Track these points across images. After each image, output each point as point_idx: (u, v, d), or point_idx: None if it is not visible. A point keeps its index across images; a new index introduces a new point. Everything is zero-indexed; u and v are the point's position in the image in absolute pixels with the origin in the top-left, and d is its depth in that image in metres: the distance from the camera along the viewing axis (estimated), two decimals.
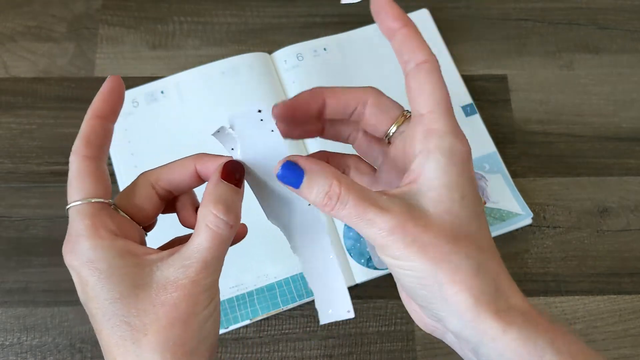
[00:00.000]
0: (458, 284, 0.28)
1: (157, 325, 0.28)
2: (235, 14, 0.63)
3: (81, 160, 0.31)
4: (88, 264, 0.29)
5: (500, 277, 0.29)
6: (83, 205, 0.30)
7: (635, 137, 0.58)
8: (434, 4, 0.63)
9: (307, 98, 0.33)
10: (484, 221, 0.30)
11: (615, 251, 0.54)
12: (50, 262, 0.52)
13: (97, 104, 0.32)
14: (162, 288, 0.29)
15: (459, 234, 0.29)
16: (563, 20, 0.63)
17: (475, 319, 0.28)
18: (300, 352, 0.50)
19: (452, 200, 0.29)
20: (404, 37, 0.31)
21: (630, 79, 0.61)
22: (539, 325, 0.28)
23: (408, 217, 0.29)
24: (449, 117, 0.31)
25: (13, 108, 0.58)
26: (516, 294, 0.29)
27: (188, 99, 0.57)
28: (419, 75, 0.31)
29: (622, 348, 0.51)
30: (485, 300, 0.28)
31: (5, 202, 0.54)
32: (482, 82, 0.60)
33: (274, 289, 0.51)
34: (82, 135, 0.32)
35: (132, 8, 0.62)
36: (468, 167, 0.30)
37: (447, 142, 0.30)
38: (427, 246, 0.28)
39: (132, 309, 0.29)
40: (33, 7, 0.62)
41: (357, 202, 0.29)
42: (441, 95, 0.31)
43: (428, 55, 0.31)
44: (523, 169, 0.57)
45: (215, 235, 0.29)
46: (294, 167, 0.30)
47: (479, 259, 0.29)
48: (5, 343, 0.50)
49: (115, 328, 0.29)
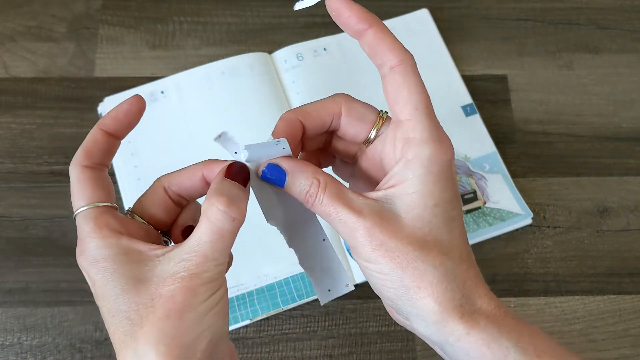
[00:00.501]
0: (423, 290, 0.29)
1: (152, 317, 0.28)
2: (235, 14, 0.63)
3: (80, 170, 0.32)
4: (94, 263, 0.30)
5: (467, 283, 0.30)
6: (87, 210, 0.31)
7: (635, 137, 0.58)
8: (434, 4, 0.63)
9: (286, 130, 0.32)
10: (457, 227, 0.31)
11: (615, 251, 0.54)
12: (50, 262, 0.52)
13: (106, 119, 0.33)
14: (161, 281, 0.29)
15: (427, 241, 0.30)
16: (563, 20, 0.63)
17: (439, 322, 0.29)
18: (300, 352, 0.50)
19: (424, 207, 0.30)
20: (372, 40, 0.30)
21: (630, 79, 0.61)
22: (504, 325, 0.29)
23: (378, 221, 0.30)
24: (429, 122, 0.30)
25: (13, 108, 0.58)
26: (483, 297, 0.30)
27: (188, 99, 0.57)
28: (393, 80, 0.30)
29: (622, 348, 0.51)
30: (449, 305, 0.29)
31: (5, 202, 0.54)
32: (482, 82, 0.60)
33: (274, 289, 0.51)
34: (83, 146, 0.33)
35: (132, 8, 0.62)
36: (446, 174, 0.30)
37: (426, 152, 0.30)
38: (394, 251, 0.29)
39: (132, 303, 0.29)
40: (33, 7, 0.62)
41: (331, 201, 0.30)
42: (419, 100, 0.30)
43: (401, 55, 0.30)
44: (523, 169, 0.57)
45: (216, 229, 0.29)
46: (276, 168, 0.31)
47: (446, 266, 0.30)
48: (5, 343, 0.50)
49: (119, 324, 0.29)
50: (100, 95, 0.58)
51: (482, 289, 0.31)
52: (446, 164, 0.30)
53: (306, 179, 0.31)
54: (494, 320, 0.29)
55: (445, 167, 0.30)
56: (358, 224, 0.30)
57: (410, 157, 0.30)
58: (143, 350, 0.28)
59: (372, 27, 0.30)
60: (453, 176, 0.31)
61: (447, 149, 0.30)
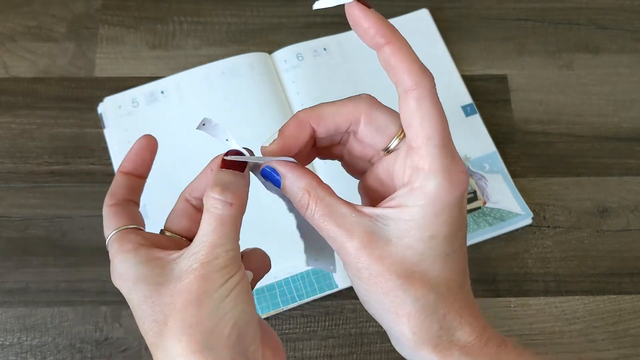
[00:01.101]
0: (400, 317, 0.30)
1: (173, 313, 0.29)
2: (235, 14, 0.63)
3: (107, 208, 0.34)
4: (120, 277, 0.31)
5: (449, 316, 0.30)
6: (113, 235, 0.33)
7: (635, 137, 0.58)
8: (434, 4, 0.63)
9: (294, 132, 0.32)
10: (452, 261, 0.30)
11: (615, 251, 0.54)
12: (50, 262, 0.52)
13: (124, 162, 0.35)
14: (178, 279, 0.29)
15: (414, 272, 0.29)
16: (563, 20, 0.63)
17: (413, 349, 0.30)
18: (300, 352, 0.50)
19: (418, 238, 0.29)
20: (389, 56, 0.28)
21: (630, 79, 0.61)
22: (481, 356, 0.30)
23: (366, 244, 0.29)
24: (441, 151, 0.29)
25: (13, 108, 0.58)
26: (465, 328, 0.30)
27: (188, 99, 0.57)
28: (408, 104, 0.29)
29: (622, 348, 0.51)
30: (424, 336, 0.30)
31: (5, 202, 0.54)
32: (482, 82, 0.60)
33: (274, 289, 0.51)
34: (109, 190, 0.35)
35: (132, 8, 0.62)
36: (451, 208, 0.29)
37: (433, 184, 0.29)
38: (378, 277, 0.29)
39: (156, 306, 0.29)
40: (33, 7, 0.62)
41: (321, 216, 0.30)
42: (432, 129, 0.28)
43: (418, 79, 0.28)
44: (523, 169, 0.57)
45: (216, 217, 0.30)
46: (273, 172, 0.31)
47: (428, 299, 0.29)
48: (5, 343, 0.50)
49: (148, 329, 0.30)
50: (100, 95, 0.58)
51: (467, 319, 0.30)
52: (454, 199, 0.29)
53: (298, 190, 0.31)
54: (469, 351, 0.30)
55: (452, 202, 0.29)
56: (346, 244, 0.30)
57: (415, 186, 0.29)
58: (171, 346, 0.29)
59: (389, 43, 0.28)
60: (460, 211, 0.30)
61: (457, 185, 0.29)
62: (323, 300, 0.52)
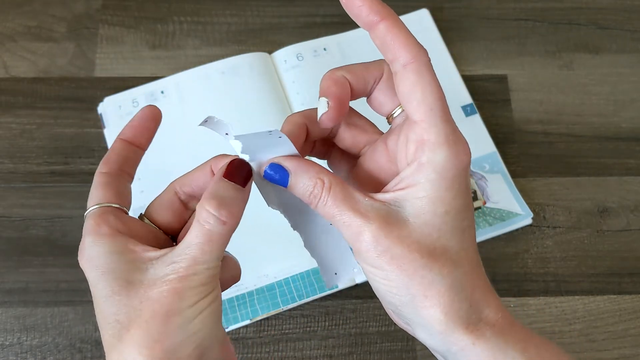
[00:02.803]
0: (429, 299, 0.28)
1: (138, 320, 0.28)
2: (235, 14, 0.63)
3: (97, 175, 0.32)
4: (89, 260, 0.30)
5: (475, 293, 0.29)
6: (93, 209, 0.31)
7: (635, 137, 0.58)
8: (434, 4, 0.63)
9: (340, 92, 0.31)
10: (468, 236, 0.30)
11: (615, 251, 0.54)
12: (50, 262, 0.52)
13: (125, 129, 0.34)
14: (151, 284, 0.28)
15: (435, 248, 0.29)
16: (563, 20, 0.63)
17: (444, 332, 0.29)
18: (300, 352, 0.50)
19: (434, 213, 0.29)
20: (384, 34, 0.28)
21: (630, 79, 0.61)
22: (511, 335, 0.29)
23: (383, 226, 0.28)
24: (444, 124, 0.29)
25: (13, 108, 0.58)
26: (491, 307, 0.29)
27: (188, 99, 0.57)
28: (407, 78, 0.29)
29: (622, 348, 0.51)
30: (455, 316, 0.28)
31: (5, 202, 0.54)
32: (482, 82, 0.60)
33: (274, 289, 0.51)
34: (106, 155, 0.33)
35: (132, 8, 0.62)
36: (460, 180, 0.29)
37: (441, 156, 0.28)
38: (400, 258, 0.28)
39: (122, 306, 0.28)
40: (33, 7, 0.62)
41: (335, 202, 0.29)
42: (433, 100, 0.28)
43: (415, 52, 0.28)
44: (523, 169, 0.57)
45: (205, 232, 0.28)
46: (279, 168, 0.30)
47: (454, 274, 0.29)
48: (5, 343, 0.50)
49: (108, 326, 0.28)
50: (100, 95, 0.58)
51: (491, 298, 0.30)
52: (461, 170, 0.29)
53: (309, 180, 0.30)
54: (500, 330, 0.29)
55: (460, 173, 0.29)
56: (363, 228, 0.28)
57: (423, 161, 0.29)
58: (127, 353, 0.28)
59: (384, 20, 0.28)
60: (467, 184, 0.29)
61: (463, 154, 0.29)
62: (323, 300, 0.52)
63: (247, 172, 0.31)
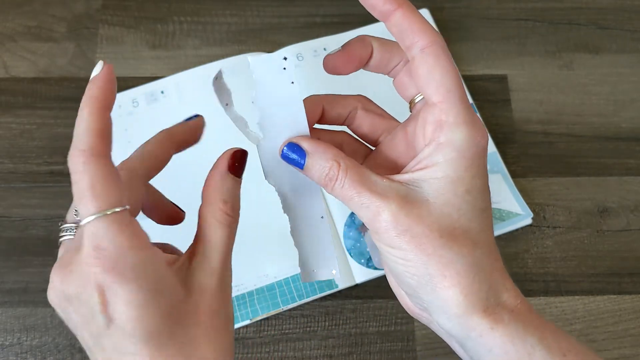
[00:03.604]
0: (448, 279, 0.28)
1: (207, 335, 0.28)
2: (235, 14, 0.63)
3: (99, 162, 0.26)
4: (135, 280, 0.26)
5: (494, 275, 0.29)
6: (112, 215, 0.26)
7: (635, 137, 0.58)
8: (434, 4, 0.63)
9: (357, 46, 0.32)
10: (487, 218, 0.30)
11: (615, 251, 0.54)
12: (50, 262, 0.52)
13: (101, 94, 0.27)
14: (200, 295, 0.28)
15: (455, 228, 0.28)
16: (563, 20, 0.63)
17: (463, 315, 0.28)
18: (300, 352, 0.50)
19: (454, 193, 0.28)
20: (401, 20, 0.29)
21: (630, 79, 0.61)
22: (529, 322, 0.28)
23: (403, 206, 0.28)
24: (462, 105, 0.29)
25: (13, 108, 0.58)
26: (509, 291, 0.29)
27: (188, 99, 0.57)
28: (425, 61, 0.29)
29: (622, 348, 0.51)
30: (474, 298, 0.28)
31: (5, 202, 0.54)
32: (482, 82, 0.60)
33: (274, 289, 0.51)
34: (96, 131, 0.26)
35: (132, 8, 0.62)
36: (479, 161, 0.29)
37: (459, 136, 0.28)
38: (420, 237, 0.28)
39: (177, 323, 0.27)
40: (33, 7, 0.62)
41: (353, 184, 0.29)
42: (452, 82, 0.29)
43: (432, 36, 0.29)
44: (523, 169, 0.57)
45: (231, 233, 0.30)
46: (297, 148, 0.30)
47: (474, 255, 0.28)
48: (5, 343, 0.50)
49: (161, 346, 0.26)
50: None
51: (508, 282, 0.29)
52: (480, 149, 0.29)
53: (326, 161, 0.30)
54: (518, 316, 0.28)
55: (479, 153, 0.29)
56: (382, 208, 0.28)
57: (442, 140, 0.29)
58: None
59: (400, 7, 0.29)
60: (485, 165, 0.30)
61: (483, 134, 0.29)
62: (323, 300, 0.52)
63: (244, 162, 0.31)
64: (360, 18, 0.61)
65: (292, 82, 0.30)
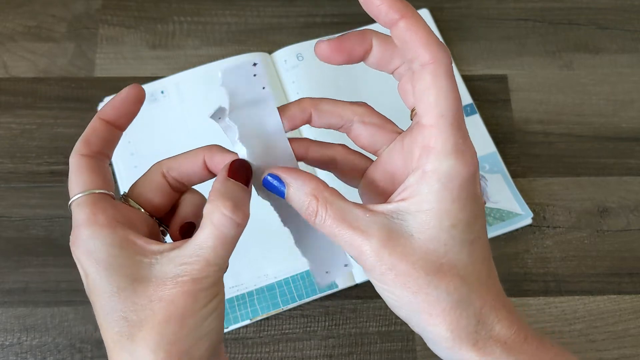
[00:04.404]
0: (435, 317, 0.28)
1: (152, 321, 0.27)
2: (235, 14, 0.63)
3: (79, 158, 0.31)
4: (87, 254, 0.29)
5: (485, 308, 0.28)
6: (83, 196, 0.30)
7: (635, 137, 0.58)
8: (434, 4, 0.63)
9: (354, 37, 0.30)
10: (478, 249, 0.29)
11: (615, 251, 0.54)
12: (50, 262, 0.52)
13: (105, 107, 0.32)
14: (161, 283, 0.28)
15: (441, 264, 0.28)
16: (563, 20, 0.63)
17: (452, 348, 0.28)
18: (300, 352, 0.50)
19: (440, 228, 0.27)
20: (404, 32, 0.27)
21: (630, 79, 0.61)
22: (523, 353, 0.28)
23: (386, 243, 0.27)
24: (453, 131, 0.27)
25: (13, 108, 0.58)
26: (502, 322, 0.28)
27: (188, 99, 0.57)
28: (422, 79, 0.28)
29: (622, 348, 0.51)
30: (462, 333, 0.28)
31: (5, 202, 0.54)
32: (482, 82, 0.60)
33: (274, 289, 0.51)
34: (82, 136, 0.32)
35: (132, 8, 0.62)
36: (467, 191, 0.28)
37: (445, 166, 0.27)
38: (405, 276, 0.27)
39: (129, 303, 0.28)
40: (33, 7, 0.62)
41: (334, 222, 0.28)
42: (447, 105, 0.27)
43: (435, 53, 0.27)
44: (523, 169, 0.57)
45: (220, 234, 0.28)
46: (277, 178, 0.30)
47: (461, 291, 0.28)
48: (5, 343, 0.50)
49: (113, 323, 0.28)
50: (100, 95, 0.58)
51: (503, 312, 0.28)
52: (467, 179, 0.27)
53: (305, 196, 0.29)
54: (511, 348, 0.28)
55: (465, 183, 0.27)
56: (365, 245, 0.28)
57: (427, 169, 0.27)
58: (141, 354, 0.27)
59: (404, 18, 0.27)
60: (475, 193, 0.28)
61: (470, 163, 0.28)
62: (323, 300, 0.52)
63: (248, 171, 0.30)
64: (360, 18, 0.61)
65: (264, 87, 0.29)
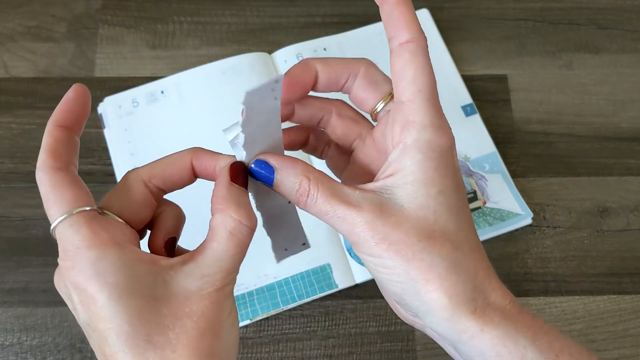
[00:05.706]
0: (431, 283, 0.28)
1: (186, 338, 0.26)
2: (235, 14, 0.63)
3: (52, 173, 0.28)
4: (96, 278, 0.26)
5: (479, 274, 0.28)
6: (73, 216, 0.27)
7: (635, 137, 0.58)
8: (434, 4, 0.63)
9: (299, 72, 0.31)
10: (465, 216, 0.29)
11: (615, 251, 0.54)
12: (50, 262, 0.52)
13: (60, 113, 0.30)
14: (184, 299, 0.27)
15: (433, 231, 0.28)
16: (563, 20, 0.63)
17: (451, 318, 0.28)
18: (300, 352, 0.50)
19: (427, 195, 0.28)
20: (391, 11, 0.29)
21: (630, 79, 0.61)
22: (520, 322, 0.28)
23: (378, 214, 0.28)
24: (431, 106, 0.29)
25: (13, 108, 0.58)
26: (497, 291, 0.28)
27: (188, 99, 0.57)
28: (401, 57, 0.29)
29: (622, 348, 0.51)
30: (460, 299, 0.28)
31: (5, 202, 0.54)
32: (482, 82, 0.60)
33: (274, 289, 0.51)
34: (46, 148, 0.29)
35: (132, 8, 0.62)
36: (447, 161, 0.29)
37: (425, 137, 0.28)
38: (398, 244, 0.28)
39: (153, 325, 0.26)
40: (33, 7, 0.62)
41: (326, 199, 0.29)
42: (423, 82, 0.29)
43: (414, 33, 0.29)
44: (523, 169, 0.57)
45: (239, 242, 0.28)
46: (265, 165, 0.30)
47: (455, 256, 0.28)
48: (5, 343, 0.50)
49: (136, 348, 0.26)
50: (100, 95, 0.58)
51: (495, 281, 0.29)
52: (446, 150, 0.29)
53: (295, 177, 0.29)
54: (509, 317, 0.28)
55: (445, 153, 0.29)
56: (358, 219, 0.28)
57: (408, 142, 0.29)
58: None
59: None
60: (455, 164, 0.29)
61: (447, 136, 0.29)
62: (323, 300, 0.52)
63: (246, 174, 0.30)
64: (360, 18, 0.61)
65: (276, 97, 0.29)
